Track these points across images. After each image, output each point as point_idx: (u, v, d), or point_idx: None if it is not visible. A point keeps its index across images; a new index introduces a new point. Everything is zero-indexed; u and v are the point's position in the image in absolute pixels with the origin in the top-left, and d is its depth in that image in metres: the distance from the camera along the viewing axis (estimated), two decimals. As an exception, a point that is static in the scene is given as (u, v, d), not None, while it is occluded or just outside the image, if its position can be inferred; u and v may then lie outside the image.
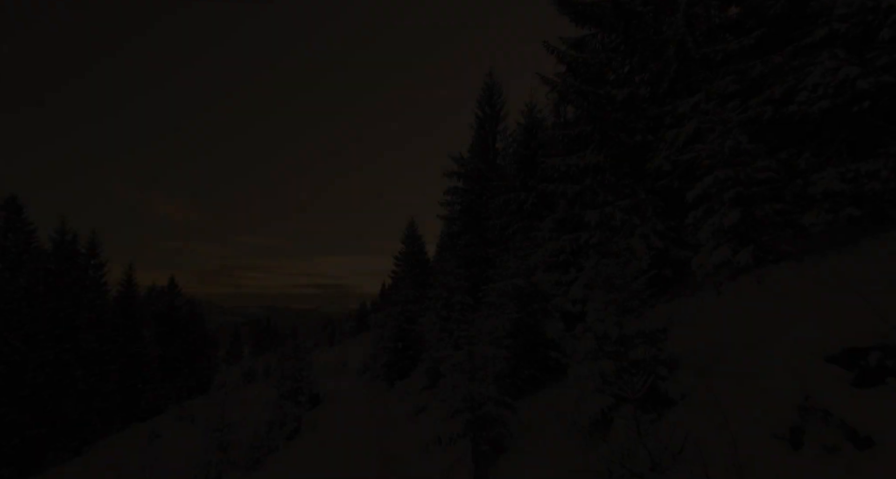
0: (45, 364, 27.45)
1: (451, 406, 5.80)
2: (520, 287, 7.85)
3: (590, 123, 11.23)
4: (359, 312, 59.67)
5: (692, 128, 9.46)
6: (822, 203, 8.72)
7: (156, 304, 38.44)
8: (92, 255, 31.49)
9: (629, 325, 4.76)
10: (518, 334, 7.76)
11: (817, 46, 9.24)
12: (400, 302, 21.33)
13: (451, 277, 19.44)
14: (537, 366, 7.52)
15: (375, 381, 23.98)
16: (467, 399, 5.65)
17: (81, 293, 30.09)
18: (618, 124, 11.19)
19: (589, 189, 11.35)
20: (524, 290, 7.89)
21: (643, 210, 10.76)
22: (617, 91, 11.22)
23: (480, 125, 26.92)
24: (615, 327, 4.78)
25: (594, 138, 12.11)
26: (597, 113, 10.94)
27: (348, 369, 33.50)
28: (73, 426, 28.11)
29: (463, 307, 18.48)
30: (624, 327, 4.79)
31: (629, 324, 4.77)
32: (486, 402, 5.74)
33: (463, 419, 5.56)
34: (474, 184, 25.16)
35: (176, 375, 37.09)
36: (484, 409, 5.81)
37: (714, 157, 8.29)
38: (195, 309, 41.03)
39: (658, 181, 10.98)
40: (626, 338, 4.82)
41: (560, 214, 13.05)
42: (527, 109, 19.68)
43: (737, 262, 7.73)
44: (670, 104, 10.92)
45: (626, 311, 4.95)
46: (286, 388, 19.17)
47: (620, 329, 4.78)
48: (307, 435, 12.45)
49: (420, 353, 20.67)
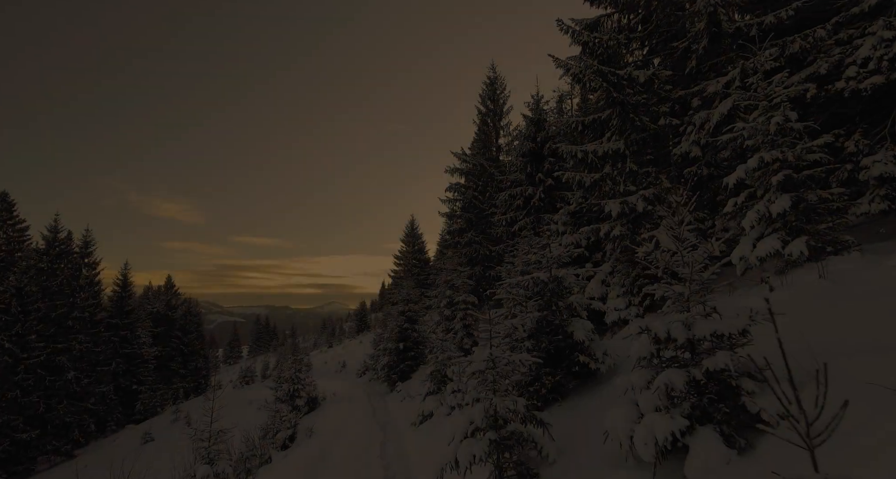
0: (37, 365, 26.29)
1: (470, 421, 4.74)
2: (542, 282, 6.80)
3: (609, 107, 10.20)
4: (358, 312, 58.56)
5: (728, 107, 8.43)
6: (877, 189, 7.70)
7: (152, 304, 37.28)
8: (86, 253, 30.33)
9: (700, 325, 3.73)
10: (540, 336, 6.71)
11: (867, 16, 8.25)
12: (401, 301, 20.27)
13: (454, 274, 18.41)
14: (563, 372, 6.47)
15: (375, 383, 22.91)
16: (490, 415, 4.61)
17: (75, 293, 28.93)
18: (639, 107, 10.17)
19: (608, 178, 10.33)
20: (547, 285, 6.84)
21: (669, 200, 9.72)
22: (639, 72, 10.20)
23: (483, 120, 25.94)
24: (682, 327, 3.75)
25: (612, 125, 11.10)
26: (617, 96, 9.92)
27: (347, 369, 32.42)
28: (65, 428, 26.95)
29: (468, 306, 17.46)
30: (694, 327, 3.75)
31: (699, 324, 3.74)
32: (514, 418, 4.69)
33: (485, 439, 4.51)
34: (477, 180, 24.15)
35: (173, 376, 35.94)
36: (510, 427, 4.76)
37: (758, 136, 7.26)
38: (192, 309, 39.87)
39: (685, 168, 9.96)
40: (697, 341, 3.79)
41: (575, 206, 12.03)
42: (533, 102, 18.68)
43: (787, 254, 6.71)
44: (698, 85, 9.91)
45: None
46: (283, 391, 18.10)
47: (689, 330, 3.75)
48: (303, 445, 11.38)
49: (422, 354, 19.62)
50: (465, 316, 17.14)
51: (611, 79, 9.88)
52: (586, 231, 10.17)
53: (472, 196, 23.70)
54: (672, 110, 10.25)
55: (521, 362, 4.99)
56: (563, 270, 6.88)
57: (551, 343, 6.63)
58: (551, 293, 6.86)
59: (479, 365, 4.82)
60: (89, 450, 27.95)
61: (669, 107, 10.18)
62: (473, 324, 17.27)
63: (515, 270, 13.55)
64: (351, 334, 58.11)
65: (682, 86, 10.48)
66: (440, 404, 10.84)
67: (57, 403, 26.74)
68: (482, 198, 23.75)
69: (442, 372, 11.51)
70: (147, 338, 33.88)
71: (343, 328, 69.26)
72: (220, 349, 75.94)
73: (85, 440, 28.40)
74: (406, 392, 16.83)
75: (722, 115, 8.52)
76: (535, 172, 17.97)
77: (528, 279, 6.88)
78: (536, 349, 6.60)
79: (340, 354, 43.14)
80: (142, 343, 33.09)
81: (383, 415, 14.49)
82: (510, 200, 18.48)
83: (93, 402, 28.93)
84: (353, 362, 34.02)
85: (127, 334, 32.48)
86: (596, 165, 10.63)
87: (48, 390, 26.56)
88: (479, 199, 23.71)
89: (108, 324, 31.61)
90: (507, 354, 4.91)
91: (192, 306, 40.31)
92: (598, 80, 9.85)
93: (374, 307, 74.87)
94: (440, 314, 18.68)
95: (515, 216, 18.27)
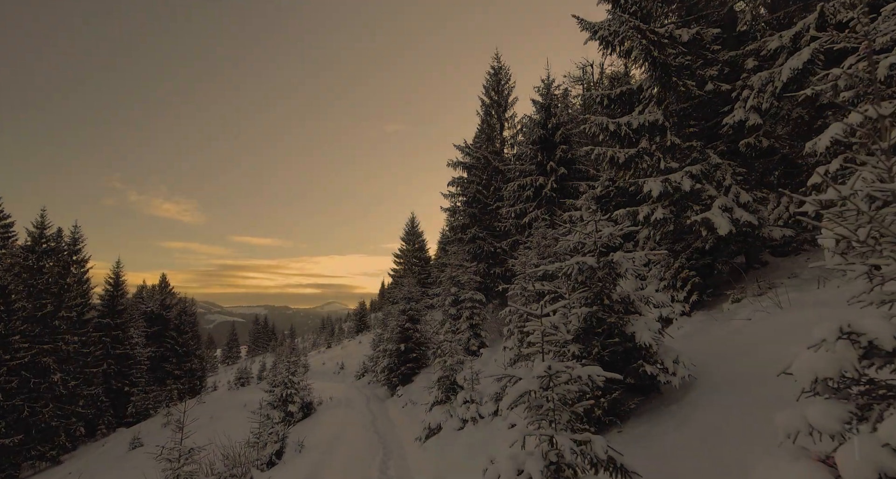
0: (21, 367, 24.41)
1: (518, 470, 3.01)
2: (590, 268, 5.09)
3: (649, 70, 8.51)
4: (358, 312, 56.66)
5: (804, 59, 6.72)
6: None
7: (146, 303, 35.37)
8: (74, 250, 28.45)
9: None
10: (590, 338, 5.00)
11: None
12: (402, 300, 18.51)
13: (460, 270, 16.69)
14: (622, 386, 4.76)
15: (375, 386, 21.13)
16: (551, 463, 2.89)
17: (62, 291, 27.06)
18: (683, 71, 8.48)
19: (645, 153, 8.63)
20: (595, 272, 5.13)
21: (719, 177, 8.04)
22: (681, 30, 8.52)
23: (487, 112, 24.22)
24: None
25: (645, 96, 9.40)
26: (658, 56, 8.22)
27: (346, 371, 30.60)
28: (51, 433, 25.05)
29: (474, 304, 15.72)
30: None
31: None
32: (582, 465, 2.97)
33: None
34: (480, 174, 22.43)
35: (167, 377, 34.03)
36: (567, 474, 3.04)
37: (859, 86, 5.57)
38: (187, 308, 37.95)
39: (738, 140, 8.27)
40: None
41: (601, 189, 10.32)
42: (543, 86, 16.99)
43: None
44: (753, 42, 8.23)
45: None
46: (276, 395, 16.31)
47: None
48: (291, 462, 9.63)
49: (424, 356, 17.87)
50: (472, 315, 15.40)
51: (650, 36, 8.19)
52: (621, 215, 8.46)
53: (476, 190, 21.97)
54: (721, 74, 8.56)
55: (590, 378, 3.28)
56: (617, 253, 5.17)
57: (605, 348, 4.91)
58: (602, 283, 5.15)
59: (529, 383, 3.10)
60: (77, 455, 26.06)
61: (718, 70, 8.49)
62: (481, 323, 15.54)
63: (531, 263, 11.84)
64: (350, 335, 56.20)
65: (731, 47, 8.80)
66: (449, 416, 9.11)
67: (42, 406, 24.84)
68: (486, 192, 22.04)
69: (451, 379, 9.78)
70: (140, 338, 31.98)
71: (342, 328, 67.30)
72: (219, 350, 73.80)
73: (73, 444, 26.50)
74: (408, 397, 15.09)
75: (795, 69, 6.82)
76: (547, 161, 16.28)
77: (571, 265, 5.16)
78: (586, 356, 4.89)
79: (339, 354, 41.29)
80: (134, 344, 31.18)
81: (384, 424, 12.73)
82: (519, 190, 16.77)
83: (82, 405, 27.03)
84: (351, 363, 32.21)
85: (119, 334, 30.56)
86: (630, 139, 8.94)
87: (33, 393, 24.69)
88: (483, 193, 21.99)
89: (98, 324, 29.71)
90: (570, 365, 3.19)
91: (187, 306, 38.37)
92: (636, 37, 8.15)
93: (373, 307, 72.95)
94: (444, 313, 16.95)
95: (525, 208, 16.56)
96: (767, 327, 5.22)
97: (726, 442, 3.37)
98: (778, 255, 8.80)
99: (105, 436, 28.74)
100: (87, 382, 27.76)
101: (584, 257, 5.21)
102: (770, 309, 5.81)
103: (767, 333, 5.03)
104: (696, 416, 4.03)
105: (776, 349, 4.39)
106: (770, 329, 5.08)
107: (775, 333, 4.86)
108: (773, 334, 4.90)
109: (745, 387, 4.18)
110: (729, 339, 5.62)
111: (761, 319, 5.65)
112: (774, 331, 4.93)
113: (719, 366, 4.96)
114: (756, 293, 7.33)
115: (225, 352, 69.25)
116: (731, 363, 4.88)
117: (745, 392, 4.08)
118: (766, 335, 4.99)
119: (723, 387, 4.42)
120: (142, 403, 30.23)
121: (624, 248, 10.06)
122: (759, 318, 5.75)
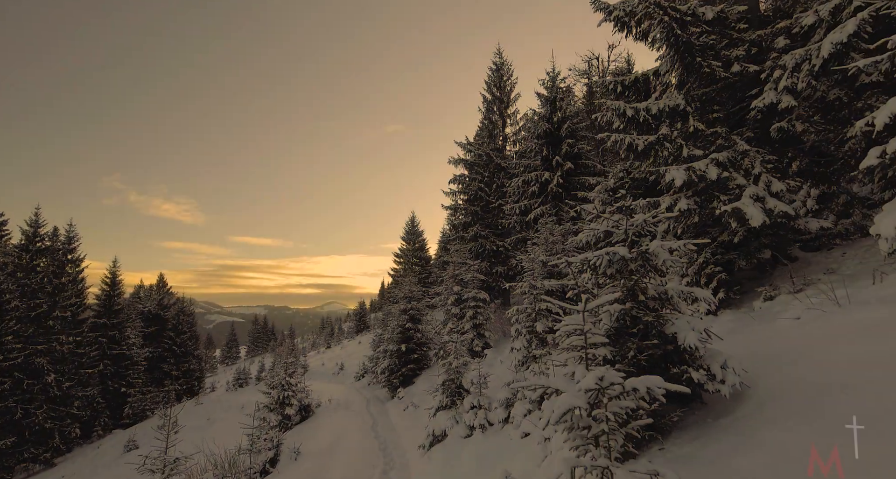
0: (14, 368, 23.64)
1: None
2: (622, 260, 4.38)
3: (669, 50, 7.80)
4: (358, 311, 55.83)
5: (849, 31, 6.01)
6: None
7: (144, 303, 34.56)
8: (69, 249, 27.66)
9: None
10: (624, 339, 4.29)
11: None
12: (402, 299, 17.77)
13: (463, 268, 15.97)
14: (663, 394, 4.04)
15: (375, 387, 20.38)
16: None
17: (57, 291, 26.28)
18: (707, 51, 7.78)
19: (666, 140, 7.93)
20: (627, 264, 4.42)
21: (747, 165, 7.34)
22: (704, 8, 7.83)
23: (489, 108, 23.51)
24: None
25: (663, 81, 8.71)
26: (681, 34, 7.52)
27: (346, 372, 29.84)
28: (44, 435, 24.25)
29: (478, 303, 15.00)
30: None
31: None
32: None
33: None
34: (482, 171, 21.72)
35: (165, 378, 33.22)
36: None
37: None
38: (186, 308, 37.12)
39: (768, 124, 7.58)
40: None
41: (614, 181, 9.62)
42: (549, 79, 16.30)
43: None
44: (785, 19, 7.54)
45: None
46: (273, 398, 15.56)
47: None
48: (285, 472, 8.89)
49: (426, 356, 17.13)
50: (476, 315, 14.68)
51: (672, 13, 7.49)
52: (641, 206, 7.76)
53: (478, 188, 21.25)
54: (748, 55, 7.87)
55: (649, 391, 2.57)
56: (654, 242, 4.46)
57: (641, 351, 4.20)
58: (636, 276, 4.44)
59: (573, 399, 2.39)
60: (71, 458, 25.25)
61: (745, 50, 7.79)
62: (484, 323, 14.82)
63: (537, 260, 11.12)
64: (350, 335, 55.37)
65: (758, 26, 8.11)
66: (455, 422, 8.38)
67: (36, 408, 24.06)
68: (488, 190, 21.33)
69: (456, 382, 9.05)
70: (137, 339, 31.16)
71: (342, 329, 66.45)
72: (218, 350, 72.83)
73: (67, 446, 25.69)
74: (409, 400, 14.35)
75: (837, 43, 6.12)
76: (552, 156, 15.58)
77: (600, 256, 4.45)
78: (620, 359, 4.18)
79: (339, 355, 40.51)
80: (131, 344, 30.36)
81: (385, 429, 12.00)
82: (524, 186, 16.07)
83: (77, 406, 26.21)
84: (351, 363, 31.44)
85: (115, 334, 29.75)
86: (649, 126, 8.24)
87: (26, 395, 23.90)
88: (485, 191, 21.28)
89: (94, 324, 28.91)
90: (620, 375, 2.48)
91: (185, 306, 37.53)
92: (657, 14, 7.45)
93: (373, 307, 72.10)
94: (447, 313, 16.22)
95: (530, 204, 15.86)
96: (825, 327, 4.51)
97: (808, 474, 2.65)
98: (808, 249, 8.10)
99: (101, 438, 27.95)
100: (82, 383, 26.96)
101: (613, 247, 4.50)
102: (825, 307, 5.10)
103: (827, 333, 4.33)
104: (761, 435, 3.30)
105: (847, 352, 3.68)
106: (830, 330, 4.38)
107: (839, 334, 4.16)
108: (835, 334, 4.20)
109: (813, 399, 3.48)
110: (776, 341, 4.91)
111: (814, 318, 4.94)
112: (837, 332, 4.23)
113: (771, 372, 4.26)
114: (793, 290, 6.62)
115: (224, 352, 68.29)
116: (786, 369, 4.17)
117: (815, 406, 3.37)
118: (827, 336, 4.29)
119: (784, 398, 3.71)
120: (139, 404, 29.41)
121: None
122: (810, 317, 5.04)
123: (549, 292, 9.83)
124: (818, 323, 4.74)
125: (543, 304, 10.08)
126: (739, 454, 3.26)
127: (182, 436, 20.17)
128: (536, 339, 9.88)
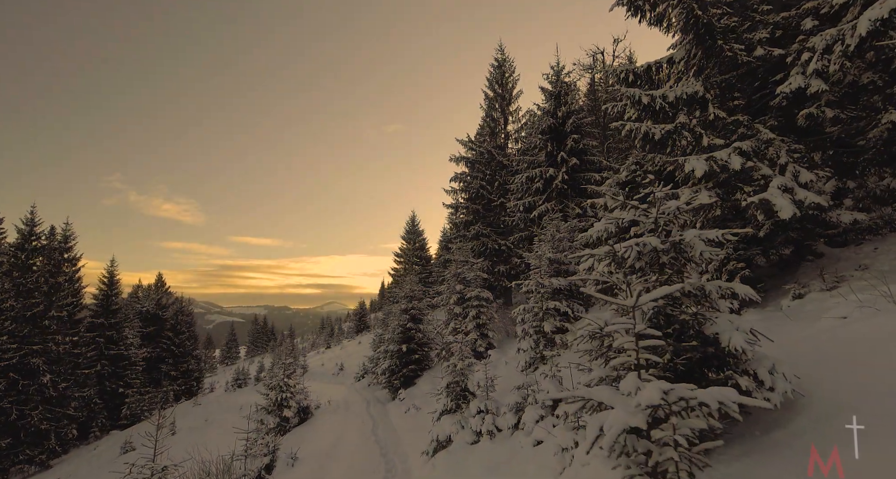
0: (8, 368, 23.09)
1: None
2: (654, 251, 3.87)
3: (688, 33, 7.29)
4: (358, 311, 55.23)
5: (892, 5, 5.50)
6: None
7: (142, 303, 33.98)
8: (65, 248, 27.09)
9: None
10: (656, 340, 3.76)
11: None
12: (403, 298, 17.23)
13: (465, 267, 15.44)
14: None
15: (375, 388, 19.83)
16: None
17: (53, 290, 25.71)
18: (728, 33, 7.27)
19: (684, 128, 7.41)
20: (657, 258, 3.91)
21: (772, 155, 6.82)
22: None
23: (490, 106, 22.99)
24: None
25: (680, 67, 8.20)
26: (701, 15, 7.01)
27: (346, 372, 29.28)
28: (40, 436, 23.69)
29: (481, 303, 14.46)
30: None
31: None
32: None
33: None
34: (484, 169, 21.21)
35: (163, 378, 32.65)
36: None
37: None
38: (184, 308, 36.54)
39: (793, 112, 7.06)
40: None
41: (626, 173, 9.10)
42: (553, 73, 15.79)
43: None
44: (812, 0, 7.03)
45: None
46: (271, 399, 15.03)
47: None
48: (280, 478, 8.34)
49: (427, 357, 16.59)
50: (479, 314, 14.15)
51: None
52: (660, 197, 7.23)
53: (479, 186, 20.75)
54: (772, 37, 7.36)
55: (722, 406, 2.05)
56: (689, 232, 3.95)
57: (678, 354, 3.68)
58: (670, 271, 3.92)
59: (629, 417, 1.87)
60: (67, 459, 24.69)
61: (769, 33, 7.28)
62: (488, 323, 14.29)
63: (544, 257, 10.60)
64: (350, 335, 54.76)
65: (781, 8, 7.60)
66: (461, 427, 7.85)
67: (31, 409, 23.51)
68: (490, 188, 20.82)
69: (461, 385, 8.52)
70: (135, 339, 30.59)
71: (342, 329, 65.83)
72: (218, 350, 72.15)
73: (63, 448, 25.12)
74: (410, 402, 13.81)
75: (877, 20, 5.59)
76: (557, 151, 15.06)
77: (629, 247, 3.93)
78: (654, 365, 3.65)
79: (339, 355, 39.93)
80: (129, 344, 29.78)
81: (385, 432, 11.45)
82: (527, 183, 15.55)
83: (74, 407, 25.64)
84: (351, 363, 30.88)
85: (113, 334, 29.18)
86: (666, 114, 7.72)
87: (21, 395, 23.35)
88: (487, 189, 20.77)
89: (91, 324, 28.35)
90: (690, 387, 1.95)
91: (184, 306, 36.95)
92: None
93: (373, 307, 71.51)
94: (449, 312, 15.69)
95: (534, 201, 15.34)
96: (883, 326, 4.00)
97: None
98: (834, 245, 7.58)
99: (98, 439, 27.39)
100: (79, 383, 26.39)
101: (643, 238, 3.98)
102: (878, 305, 4.59)
103: (886, 334, 3.82)
104: (803, 449, 2.77)
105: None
106: (890, 330, 3.86)
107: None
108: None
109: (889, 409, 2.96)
110: (822, 342, 4.39)
111: (866, 317, 4.43)
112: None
113: (824, 378, 3.74)
114: (825, 288, 6.10)
115: (224, 352, 67.60)
116: (842, 374, 3.66)
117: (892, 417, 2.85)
118: (886, 337, 3.77)
119: (848, 408, 3.19)
120: (137, 405, 28.83)
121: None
122: (861, 316, 4.53)
123: (557, 290, 9.30)
124: (872, 323, 4.22)
125: (552, 303, 9.56)
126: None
127: (178, 439, 19.61)
128: (545, 339, 9.36)
